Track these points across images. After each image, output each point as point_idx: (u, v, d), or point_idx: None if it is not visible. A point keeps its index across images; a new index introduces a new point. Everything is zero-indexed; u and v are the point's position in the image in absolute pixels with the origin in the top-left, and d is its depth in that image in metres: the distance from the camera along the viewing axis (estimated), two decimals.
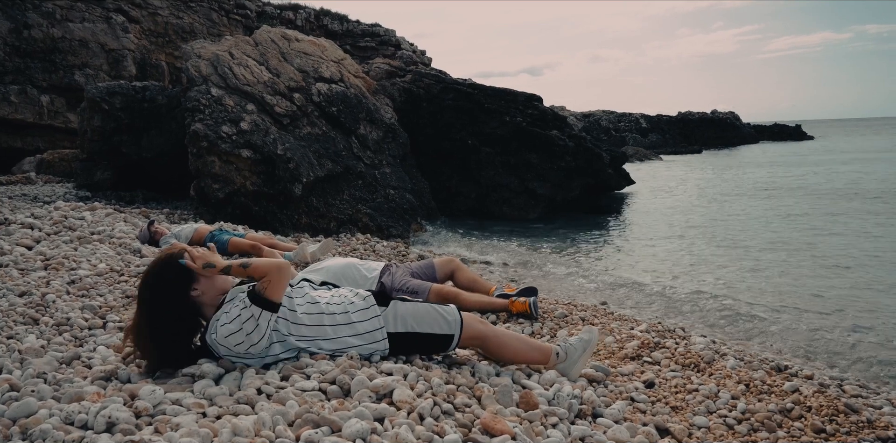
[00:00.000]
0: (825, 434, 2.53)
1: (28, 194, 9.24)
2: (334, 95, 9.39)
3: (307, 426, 1.89)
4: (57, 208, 6.33)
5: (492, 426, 2.04)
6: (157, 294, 2.33)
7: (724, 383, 3.05)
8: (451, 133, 11.44)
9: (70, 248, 4.53)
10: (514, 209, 11.50)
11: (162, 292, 2.33)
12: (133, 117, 9.71)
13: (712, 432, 2.52)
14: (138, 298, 2.37)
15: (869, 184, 16.00)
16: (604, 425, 2.40)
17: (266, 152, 7.89)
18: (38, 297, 3.28)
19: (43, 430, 1.74)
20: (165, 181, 10.05)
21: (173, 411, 1.94)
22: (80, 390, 2.04)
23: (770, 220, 10.91)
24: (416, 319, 2.62)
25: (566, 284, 6.37)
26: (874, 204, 12.44)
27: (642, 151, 31.04)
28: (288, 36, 10.07)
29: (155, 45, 16.42)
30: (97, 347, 2.66)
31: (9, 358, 2.41)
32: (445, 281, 4.33)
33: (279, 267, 2.33)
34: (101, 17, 15.02)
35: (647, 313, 5.20)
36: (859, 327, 4.89)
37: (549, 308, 4.41)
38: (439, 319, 2.64)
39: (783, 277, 6.65)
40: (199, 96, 8.17)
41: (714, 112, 49.07)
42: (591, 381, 2.88)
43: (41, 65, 13.93)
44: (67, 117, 14.00)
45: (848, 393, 3.00)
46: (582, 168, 11.94)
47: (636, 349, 3.53)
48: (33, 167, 12.65)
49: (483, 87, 12.10)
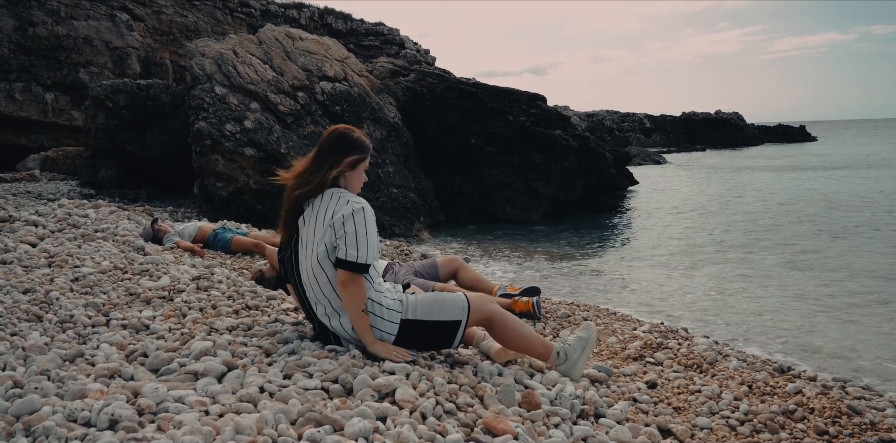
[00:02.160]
0: (828, 436, 2.52)
1: (32, 192, 9.26)
2: (338, 94, 9.39)
3: (309, 425, 1.89)
4: (61, 206, 6.35)
5: (494, 426, 2.04)
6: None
7: (727, 384, 3.04)
8: (454, 132, 11.44)
9: (74, 245, 4.54)
10: (517, 209, 11.49)
11: None
12: (137, 115, 9.73)
13: (715, 433, 2.52)
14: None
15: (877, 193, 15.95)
16: (606, 425, 2.40)
17: (269, 151, 7.89)
18: (42, 294, 3.28)
19: (46, 427, 1.74)
20: (169, 179, 10.07)
21: (176, 409, 1.94)
22: (83, 387, 2.04)
23: (774, 220, 10.89)
24: (426, 308, 2.64)
25: (569, 284, 6.36)
26: (886, 210, 12.42)
27: (645, 151, 31.00)
28: (292, 34, 10.08)
29: (159, 43, 16.44)
30: (100, 344, 2.67)
31: (12, 355, 2.41)
32: (448, 280, 4.33)
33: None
34: (105, 14, 15.04)
35: (649, 314, 5.19)
36: (863, 329, 4.88)
37: (552, 308, 4.41)
38: (447, 306, 2.64)
39: (787, 279, 6.64)
40: (203, 94, 8.18)
41: (718, 112, 48.97)
42: (594, 381, 2.88)
43: (46, 62, 13.96)
44: (72, 115, 14.03)
45: (851, 395, 2.99)
46: (585, 168, 11.93)
47: (639, 350, 3.52)
48: (37, 165, 12.68)
49: (486, 86, 12.08)
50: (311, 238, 2.60)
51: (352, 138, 2.67)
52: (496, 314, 2.71)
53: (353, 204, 2.55)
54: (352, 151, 2.64)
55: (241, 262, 5.24)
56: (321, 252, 2.57)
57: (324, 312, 2.66)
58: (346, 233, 2.50)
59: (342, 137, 2.66)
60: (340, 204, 2.56)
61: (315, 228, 2.59)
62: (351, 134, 2.68)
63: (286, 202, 2.68)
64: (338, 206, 2.56)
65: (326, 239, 2.55)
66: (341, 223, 2.51)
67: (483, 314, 2.69)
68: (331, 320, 2.65)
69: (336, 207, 2.56)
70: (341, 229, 2.51)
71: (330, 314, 2.64)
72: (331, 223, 2.53)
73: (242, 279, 4.24)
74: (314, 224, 2.60)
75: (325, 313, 2.65)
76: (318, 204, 2.62)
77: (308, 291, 2.66)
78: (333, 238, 2.53)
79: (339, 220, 2.52)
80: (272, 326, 3.05)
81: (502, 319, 2.72)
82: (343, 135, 2.67)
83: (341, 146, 2.64)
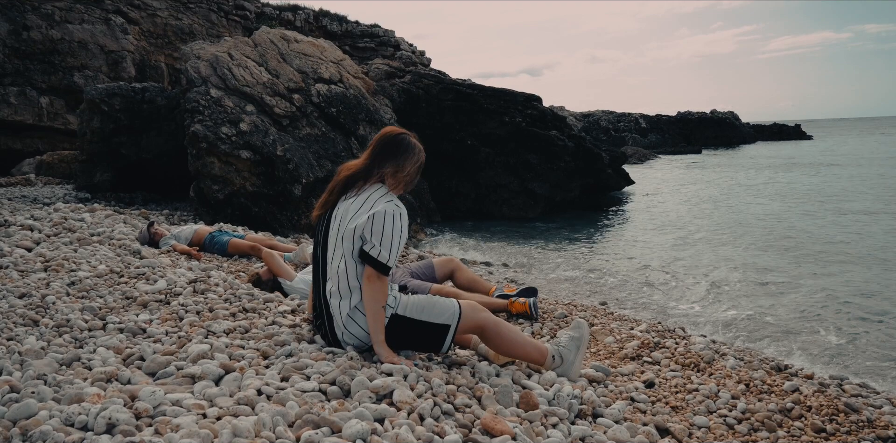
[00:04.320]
0: (825, 434, 2.53)
1: (28, 196, 9.24)
2: (334, 96, 9.39)
3: (307, 427, 1.89)
4: (57, 210, 6.33)
5: (492, 427, 2.04)
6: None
7: (724, 382, 3.05)
8: (450, 134, 11.45)
9: (70, 249, 4.53)
10: (514, 209, 11.50)
11: None
12: (132, 119, 9.71)
13: (712, 432, 2.52)
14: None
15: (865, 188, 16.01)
16: (604, 425, 2.40)
17: (265, 153, 7.89)
18: (38, 298, 3.28)
19: (43, 431, 1.73)
20: (165, 182, 10.05)
21: (173, 412, 1.94)
22: (80, 391, 2.04)
23: (772, 219, 10.92)
24: (417, 308, 2.66)
25: (566, 284, 6.37)
26: (874, 204, 12.46)
27: (642, 151, 31.04)
28: (287, 37, 10.08)
29: (154, 46, 16.42)
30: (97, 348, 2.66)
31: (9, 360, 2.41)
32: (445, 281, 4.32)
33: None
34: (100, 18, 15.02)
35: (646, 313, 5.20)
36: (860, 327, 4.89)
37: (549, 309, 4.41)
38: (437, 310, 2.65)
39: (783, 278, 6.65)
40: (198, 97, 8.17)
41: (713, 112, 49.08)
42: (592, 381, 2.88)
43: (40, 66, 13.93)
44: (67, 119, 14.00)
45: (848, 392, 3.00)
46: (581, 168, 11.94)
47: (636, 349, 3.53)
48: (33, 169, 12.65)
49: (482, 87, 12.10)
50: (346, 217, 2.65)
51: (413, 146, 2.77)
52: (488, 322, 2.72)
53: (396, 206, 2.62)
54: (412, 157, 2.75)
55: (238, 265, 5.23)
56: (348, 232, 2.62)
57: (332, 288, 2.67)
58: (383, 232, 2.55)
59: (405, 143, 2.75)
60: (384, 201, 2.63)
61: (352, 209, 2.65)
62: (412, 140, 2.78)
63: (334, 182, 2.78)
64: (380, 199, 2.64)
65: (360, 224, 2.59)
66: (381, 218, 2.56)
67: (474, 323, 2.70)
68: (332, 298, 2.67)
69: (378, 199, 2.64)
70: (379, 224, 2.56)
71: (335, 292, 2.66)
72: (372, 212, 2.58)
73: (239, 282, 4.24)
74: (353, 203, 2.66)
75: (332, 290, 2.67)
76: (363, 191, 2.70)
77: (329, 263, 2.69)
78: (370, 231, 2.57)
79: (380, 212, 2.57)
80: (269, 328, 3.05)
81: (495, 327, 2.73)
82: (405, 140, 2.76)
83: (405, 150, 2.74)
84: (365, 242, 2.58)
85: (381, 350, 2.55)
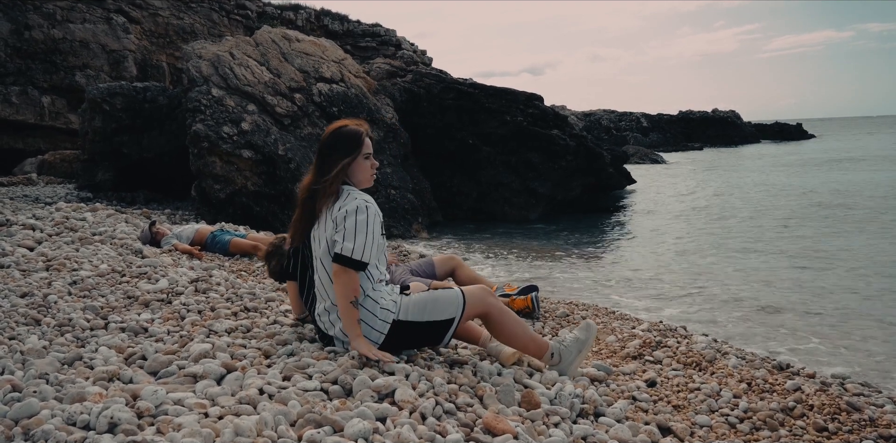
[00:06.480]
0: (827, 433, 2.53)
1: (29, 195, 9.25)
2: (335, 96, 9.39)
3: (309, 426, 1.89)
4: (58, 209, 6.34)
5: (494, 426, 2.04)
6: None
7: (726, 381, 3.04)
8: (451, 133, 11.44)
9: (72, 249, 4.53)
10: (515, 209, 11.49)
11: None
12: (134, 118, 9.72)
13: (714, 431, 2.52)
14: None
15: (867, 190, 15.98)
16: (606, 424, 2.40)
17: (267, 153, 7.89)
18: (40, 298, 3.28)
19: (45, 430, 1.74)
20: (167, 182, 10.06)
21: (175, 412, 1.94)
22: (82, 390, 2.04)
23: (770, 220, 10.90)
24: (419, 308, 2.62)
25: (567, 283, 6.37)
26: (866, 202, 12.45)
27: (643, 150, 31.00)
28: (288, 36, 10.08)
29: (156, 45, 16.43)
30: (99, 347, 2.66)
31: (11, 359, 2.41)
32: (445, 279, 4.31)
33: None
34: (101, 17, 15.03)
35: (648, 312, 5.20)
36: (860, 326, 4.89)
37: (551, 308, 4.41)
38: (440, 305, 2.62)
39: (785, 277, 6.64)
40: (199, 97, 8.18)
41: (715, 111, 49.00)
42: (593, 380, 2.88)
43: (42, 66, 13.95)
44: (68, 118, 14.02)
45: (850, 391, 2.99)
46: (583, 167, 11.93)
47: (638, 348, 3.53)
48: (34, 168, 12.67)
49: (483, 86, 12.09)
50: (322, 235, 2.64)
51: (340, 138, 2.66)
52: (493, 308, 2.69)
53: (358, 201, 2.58)
54: (340, 153, 2.64)
55: (240, 264, 5.23)
56: (324, 248, 2.62)
57: (323, 307, 2.67)
58: (345, 228, 2.53)
59: (330, 140, 2.67)
60: (348, 200, 2.60)
61: (326, 225, 2.63)
62: (339, 132, 2.68)
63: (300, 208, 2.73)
64: (345, 202, 2.61)
65: (328, 234, 2.59)
66: (343, 218, 2.55)
67: (481, 308, 2.67)
68: (325, 316, 2.67)
69: (343, 202, 2.61)
70: (342, 224, 2.55)
71: (329, 310, 2.65)
72: (334, 217, 2.58)
73: (241, 281, 4.24)
74: (325, 221, 2.63)
75: (325, 309, 2.67)
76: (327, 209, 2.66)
77: (317, 283, 2.70)
78: (333, 232, 2.57)
79: (341, 215, 2.56)
80: (271, 327, 3.05)
81: (499, 315, 2.70)
82: (331, 136, 2.67)
83: (330, 150, 2.65)
84: (333, 244, 2.58)
85: (358, 343, 2.50)
